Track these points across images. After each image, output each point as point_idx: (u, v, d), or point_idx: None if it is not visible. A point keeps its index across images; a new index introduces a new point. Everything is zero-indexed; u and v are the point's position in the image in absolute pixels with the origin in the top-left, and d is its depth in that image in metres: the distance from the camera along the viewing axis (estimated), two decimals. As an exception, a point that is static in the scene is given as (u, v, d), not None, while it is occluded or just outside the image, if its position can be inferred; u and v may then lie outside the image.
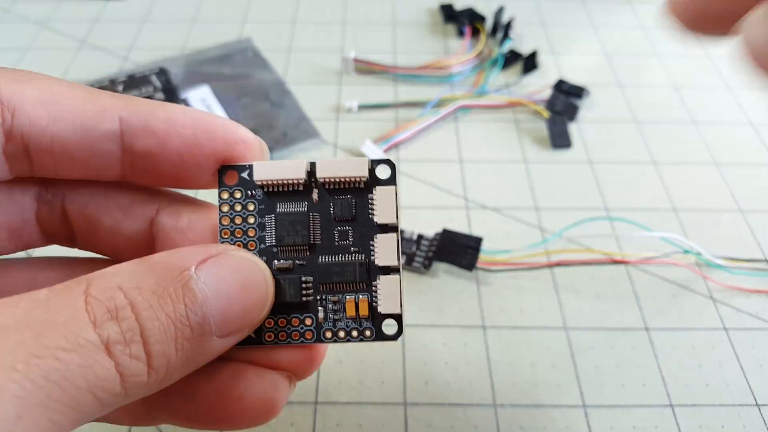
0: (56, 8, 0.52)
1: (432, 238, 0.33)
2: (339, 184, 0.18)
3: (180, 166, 0.17)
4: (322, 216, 0.18)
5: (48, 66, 0.46)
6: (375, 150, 0.39)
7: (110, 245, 0.18)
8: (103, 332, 0.12)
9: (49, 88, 0.16)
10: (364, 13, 0.52)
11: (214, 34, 0.50)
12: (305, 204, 0.18)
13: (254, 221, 0.18)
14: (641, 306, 0.31)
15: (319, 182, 0.18)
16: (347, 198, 0.18)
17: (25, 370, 0.11)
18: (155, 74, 0.40)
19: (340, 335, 0.17)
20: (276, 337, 0.17)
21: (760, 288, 0.32)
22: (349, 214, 0.18)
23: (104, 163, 0.16)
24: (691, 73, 0.47)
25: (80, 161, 0.16)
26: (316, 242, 0.18)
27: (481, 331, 0.30)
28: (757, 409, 0.27)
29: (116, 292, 0.13)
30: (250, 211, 0.18)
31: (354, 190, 0.18)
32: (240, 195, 0.18)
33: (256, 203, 0.18)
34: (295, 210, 0.18)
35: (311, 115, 0.42)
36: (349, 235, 0.18)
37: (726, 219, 0.36)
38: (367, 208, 0.18)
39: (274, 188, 0.18)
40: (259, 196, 0.18)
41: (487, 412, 0.27)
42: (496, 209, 0.36)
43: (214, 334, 0.14)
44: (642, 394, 0.28)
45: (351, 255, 0.17)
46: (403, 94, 0.44)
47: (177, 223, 0.18)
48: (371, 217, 0.18)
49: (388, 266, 0.17)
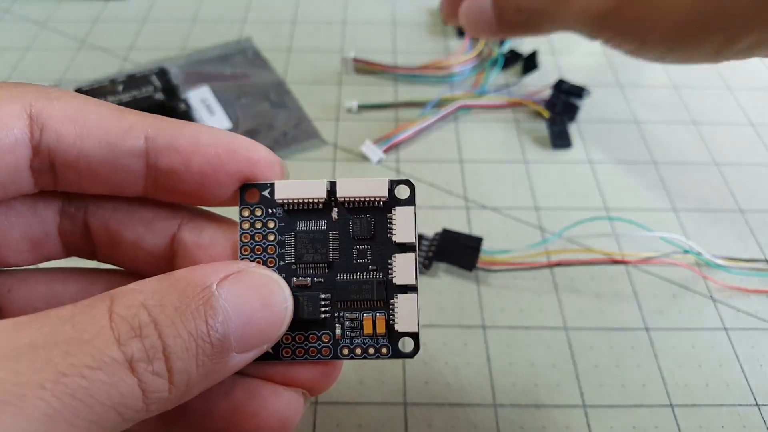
0: (56, 8, 0.52)
1: (432, 238, 0.33)
2: (358, 203, 0.18)
3: (202, 184, 0.17)
4: (341, 234, 0.18)
5: (48, 66, 0.46)
6: (375, 150, 0.39)
7: (131, 259, 0.18)
8: (127, 350, 0.13)
9: (78, 105, 0.16)
10: (364, 13, 0.52)
11: (214, 34, 0.50)
12: (325, 222, 0.18)
13: (274, 238, 0.18)
14: (641, 306, 0.31)
15: (339, 201, 0.18)
16: (366, 217, 0.18)
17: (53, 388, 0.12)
18: (155, 74, 0.40)
19: (357, 352, 0.18)
20: (293, 353, 0.18)
21: (760, 288, 0.32)
22: (368, 233, 0.18)
23: (128, 180, 0.17)
24: (691, 73, 0.47)
25: (105, 177, 0.16)
26: (335, 260, 0.18)
27: (481, 330, 0.30)
28: (757, 409, 0.27)
29: (140, 310, 0.13)
30: (270, 229, 0.18)
31: (373, 210, 0.18)
32: (261, 213, 0.18)
33: (276, 221, 0.18)
34: (314, 228, 0.18)
35: (311, 115, 0.42)
36: (368, 254, 0.18)
37: (726, 219, 0.36)
38: (385, 228, 0.18)
39: (295, 206, 0.18)
40: (280, 214, 0.18)
41: (487, 412, 0.27)
42: (496, 209, 0.36)
43: (233, 350, 0.15)
44: (642, 394, 0.28)
45: (369, 273, 0.18)
46: (403, 94, 0.44)
47: (198, 239, 0.18)
48: (390, 236, 0.18)
49: (405, 285, 0.18)
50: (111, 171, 0.16)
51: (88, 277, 0.19)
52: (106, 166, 0.16)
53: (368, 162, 0.39)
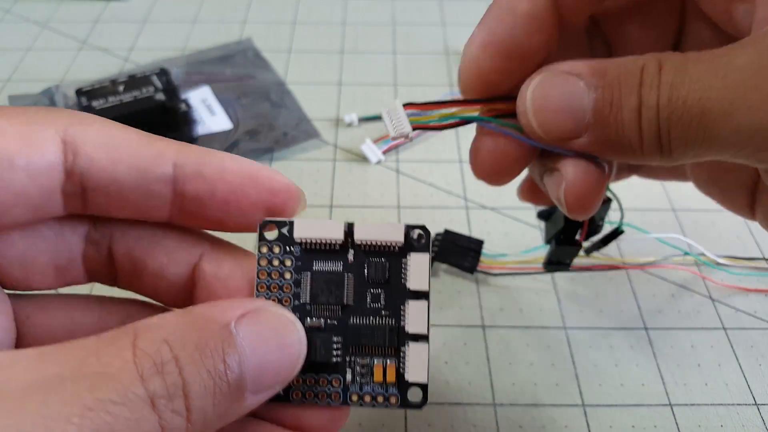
0: (57, 8, 0.53)
1: (433, 239, 0.33)
2: (374, 247, 0.18)
3: (226, 211, 0.17)
4: (356, 277, 0.18)
5: (49, 66, 0.46)
6: (375, 150, 0.39)
7: (151, 287, 0.19)
8: (150, 386, 0.13)
9: (109, 131, 0.17)
10: (364, 14, 0.53)
11: (214, 35, 0.50)
12: (341, 264, 0.18)
13: (290, 277, 0.18)
14: (640, 305, 0.32)
15: (356, 244, 0.18)
16: (381, 261, 0.18)
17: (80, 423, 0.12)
18: (156, 75, 0.40)
19: (366, 399, 0.18)
20: (303, 396, 0.18)
21: (758, 287, 0.32)
22: (383, 277, 0.18)
23: (155, 205, 0.17)
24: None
25: (133, 202, 0.17)
26: (349, 303, 0.18)
27: (480, 330, 0.30)
28: (756, 408, 0.28)
29: (162, 346, 0.14)
30: (287, 267, 0.18)
31: (388, 254, 0.18)
32: (278, 250, 0.18)
33: (293, 259, 0.18)
34: (330, 269, 0.18)
35: (311, 115, 0.42)
36: (381, 299, 0.18)
37: (724, 218, 0.36)
38: (400, 273, 0.18)
39: (312, 246, 0.18)
40: (297, 252, 0.18)
41: (486, 411, 0.27)
42: (496, 209, 0.36)
43: (248, 389, 0.15)
44: (641, 393, 0.28)
45: (382, 319, 0.18)
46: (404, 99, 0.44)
47: (218, 272, 0.18)
48: (404, 282, 0.18)
49: (417, 334, 0.18)
50: (140, 196, 0.17)
51: (105, 306, 0.19)
52: (136, 191, 0.17)
53: (368, 162, 0.39)
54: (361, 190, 0.37)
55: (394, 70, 0.47)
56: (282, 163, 0.39)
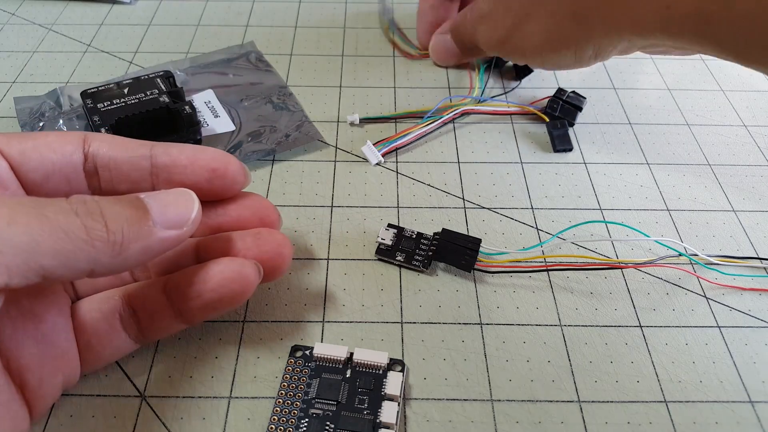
0: (62, 11, 0.53)
1: (431, 238, 0.34)
2: (366, 367, 0.27)
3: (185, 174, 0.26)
4: (351, 385, 0.27)
5: (54, 69, 0.47)
6: (375, 151, 0.39)
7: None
8: (73, 206, 0.20)
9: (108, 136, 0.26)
10: (364, 19, 0.53)
11: (218, 38, 0.50)
12: (341, 376, 0.27)
13: (305, 380, 0.27)
14: (635, 303, 0.32)
15: (353, 363, 0.27)
16: (369, 377, 0.27)
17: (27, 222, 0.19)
18: (160, 77, 0.40)
19: None
20: None
21: (753, 286, 0.33)
22: (369, 386, 0.27)
23: (141, 176, 0.26)
24: (684, 77, 0.48)
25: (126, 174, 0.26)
26: (342, 401, 0.26)
27: (478, 328, 0.31)
28: (751, 405, 0.28)
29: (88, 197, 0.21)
30: (304, 374, 0.27)
31: (374, 374, 0.27)
32: (301, 363, 0.28)
33: (309, 369, 0.27)
34: (333, 378, 0.27)
35: (312, 117, 0.43)
36: (366, 402, 0.26)
37: (719, 218, 0.37)
38: (381, 385, 0.27)
39: (323, 362, 0.27)
40: (312, 366, 0.27)
41: (484, 407, 0.28)
42: (494, 210, 0.37)
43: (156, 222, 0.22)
44: (636, 389, 0.28)
45: (364, 414, 0.26)
46: (403, 102, 0.45)
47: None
48: (383, 391, 0.27)
49: (387, 423, 0.25)
50: (130, 168, 0.25)
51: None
52: (127, 164, 0.25)
53: (368, 164, 0.39)
54: (361, 191, 0.38)
55: (394, 72, 0.47)
56: (284, 164, 0.40)
